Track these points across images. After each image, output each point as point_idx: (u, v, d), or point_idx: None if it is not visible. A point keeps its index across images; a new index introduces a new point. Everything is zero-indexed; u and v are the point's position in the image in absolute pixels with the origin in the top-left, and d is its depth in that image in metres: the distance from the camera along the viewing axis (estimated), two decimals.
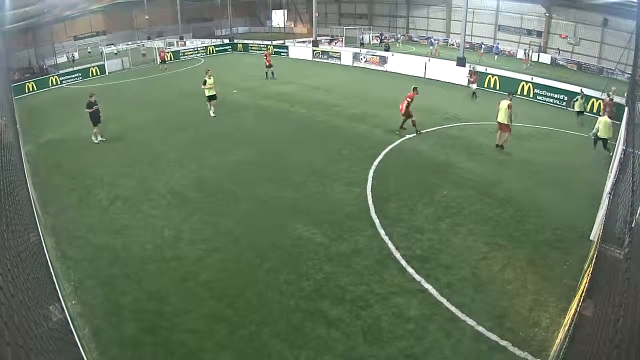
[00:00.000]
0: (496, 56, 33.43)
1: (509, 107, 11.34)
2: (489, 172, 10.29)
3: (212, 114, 15.49)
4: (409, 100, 12.49)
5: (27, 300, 2.78)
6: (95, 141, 13.13)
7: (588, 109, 15.38)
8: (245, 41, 37.09)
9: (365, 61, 26.60)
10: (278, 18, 53.73)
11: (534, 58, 33.11)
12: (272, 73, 22.81)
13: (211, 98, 15.40)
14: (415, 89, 12.72)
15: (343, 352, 5.20)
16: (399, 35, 45.10)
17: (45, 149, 13.11)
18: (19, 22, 27.55)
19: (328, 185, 9.73)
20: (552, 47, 33.83)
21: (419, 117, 14.85)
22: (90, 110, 12.79)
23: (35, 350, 2.31)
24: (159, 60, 28.37)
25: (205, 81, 15.14)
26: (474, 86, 18.60)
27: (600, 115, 12.11)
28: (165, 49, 32.45)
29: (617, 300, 2.61)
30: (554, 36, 34.05)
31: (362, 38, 40.73)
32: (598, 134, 11.52)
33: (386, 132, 13.37)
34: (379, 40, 41.31)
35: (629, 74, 19.26)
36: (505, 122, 11.45)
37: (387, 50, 30.34)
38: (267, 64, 22.93)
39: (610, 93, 15.03)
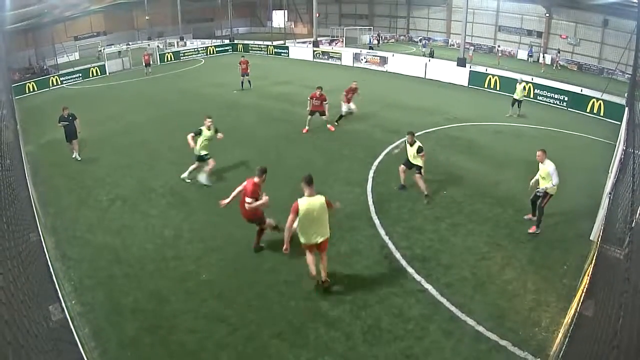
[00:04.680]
0: (530, 58, 33.47)
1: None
2: (489, 172, 10.29)
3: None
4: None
5: (28, 300, 2.78)
6: (72, 156, 11.90)
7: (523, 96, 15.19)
8: (246, 41, 37.08)
9: (365, 61, 26.60)
10: (278, 18, 53.63)
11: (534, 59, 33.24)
12: (249, 82, 20.13)
13: (201, 159, 9.74)
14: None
15: (343, 352, 5.21)
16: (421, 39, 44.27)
17: (45, 149, 13.10)
18: (20, 23, 27.55)
19: (328, 185, 9.72)
20: (552, 48, 33.88)
21: (420, 117, 14.92)
22: (63, 123, 11.62)
23: (36, 350, 2.31)
24: (143, 64, 26.20)
25: (200, 131, 9.47)
26: (346, 108, 13.81)
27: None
28: (165, 48, 32.28)
29: (617, 300, 2.61)
30: (555, 36, 34.06)
31: (371, 41, 38.92)
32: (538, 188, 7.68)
33: (386, 132, 13.37)
34: (377, 42, 41.15)
35: (629, 74, 19.25)
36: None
37: (432, 56, 28.63)
38: (243, 72, 19.84)
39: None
